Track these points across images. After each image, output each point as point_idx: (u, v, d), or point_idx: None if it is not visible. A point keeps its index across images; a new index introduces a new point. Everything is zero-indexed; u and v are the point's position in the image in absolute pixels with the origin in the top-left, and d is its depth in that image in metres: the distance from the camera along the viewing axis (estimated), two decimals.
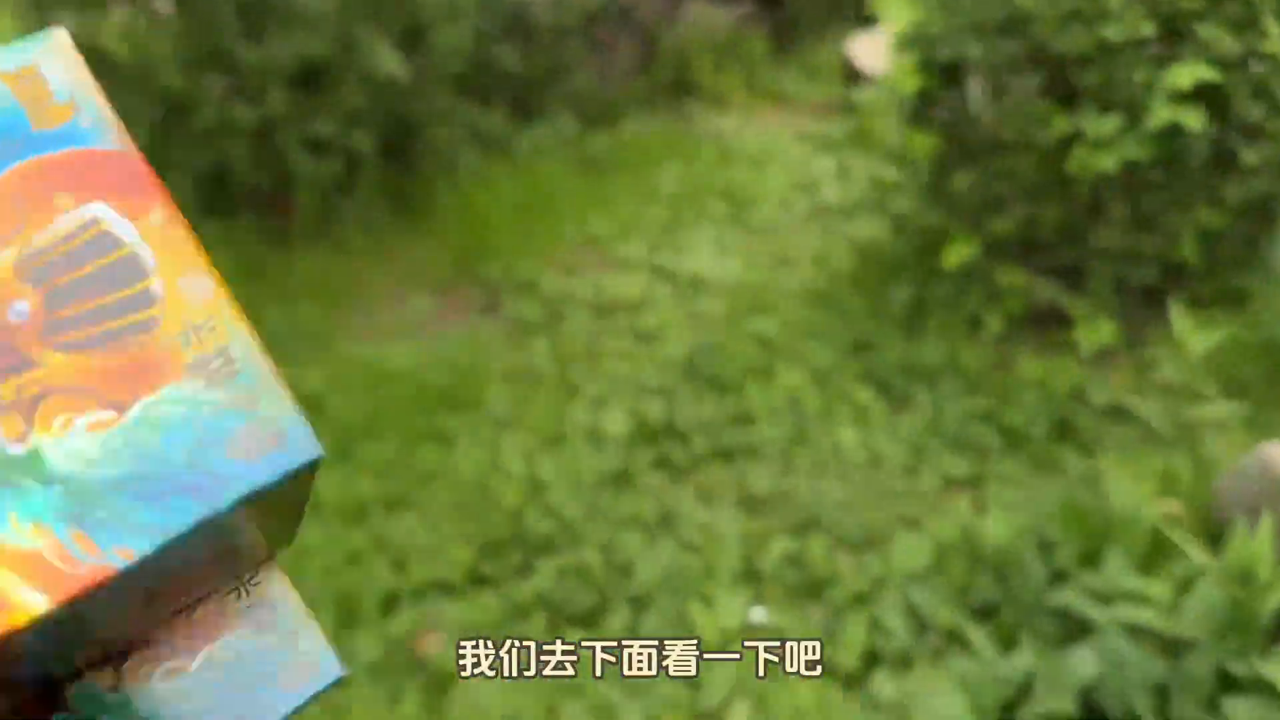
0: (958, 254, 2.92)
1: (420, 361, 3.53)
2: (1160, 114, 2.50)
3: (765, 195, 4.91)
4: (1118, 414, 2.80)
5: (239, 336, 0.33)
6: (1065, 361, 2.93)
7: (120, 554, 0.30)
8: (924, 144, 2.96)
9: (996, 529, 2.34)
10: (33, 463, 0.30)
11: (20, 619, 0.29)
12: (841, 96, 6.42)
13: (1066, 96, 2.73)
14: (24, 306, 0.31)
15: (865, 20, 7.88)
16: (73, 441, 0.31)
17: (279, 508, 0.36)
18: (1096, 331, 2.78)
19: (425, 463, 2.91)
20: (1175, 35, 2.60)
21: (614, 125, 6.13)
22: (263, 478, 0.33)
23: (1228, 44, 2.53)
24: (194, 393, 0.32)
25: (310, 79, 4.37)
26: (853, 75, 6.42)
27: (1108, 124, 2.57)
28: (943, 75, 2.91)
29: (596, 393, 3.26)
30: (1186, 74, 2.47)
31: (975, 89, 2.83)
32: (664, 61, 7.06)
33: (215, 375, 0.33)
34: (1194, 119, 2.50)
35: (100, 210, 0.33)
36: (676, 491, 2.70)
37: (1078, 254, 2.90)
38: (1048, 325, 3.04)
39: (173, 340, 0.32)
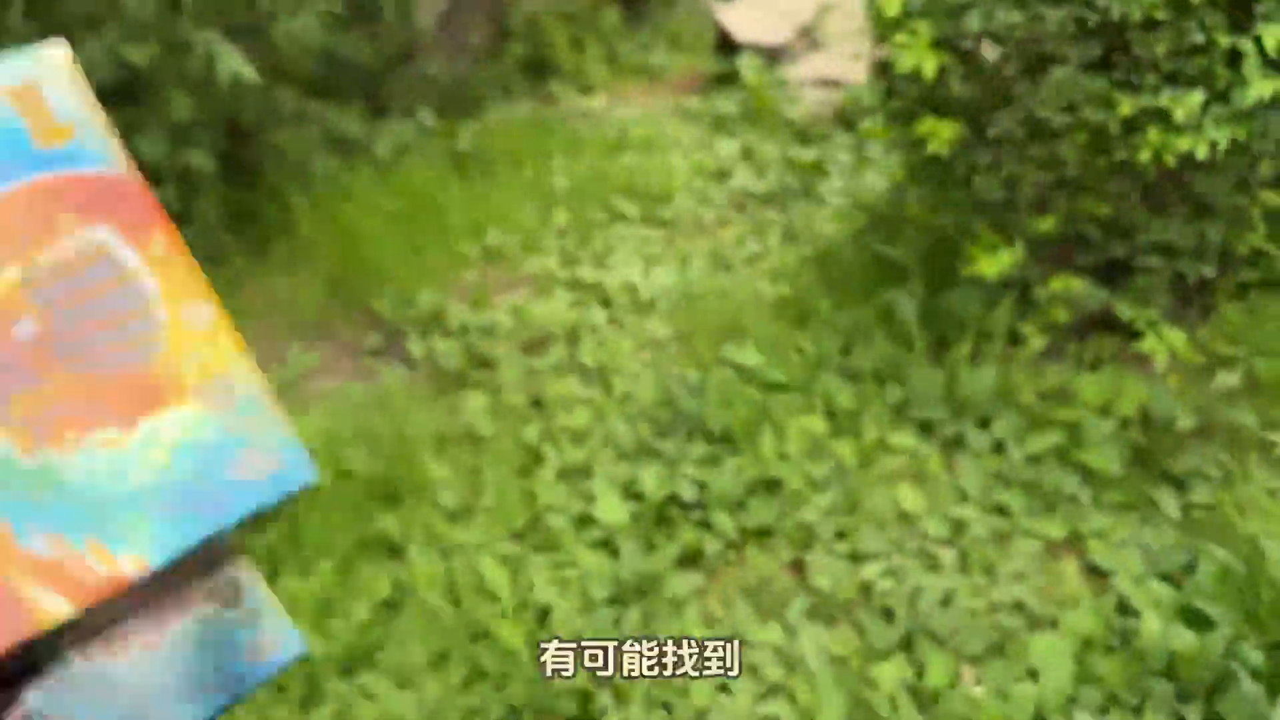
0: (997, 261, 2.44)
1: (325, 435, 2.78)
2: (1258, 86, 2.08)
3: (673, 186, 4.32)
4: (1200, 435, 2.39)
5: (238, 365, 0.36)
6: (1124, 376, 2.49)
7: (133, 564, 0.34)
8: (945, 132, 2.45)
9: (1149, 622, 1.87)
10: (46, 475, 0.32)
11: (45, 622, 0.32)
12: (714, 68, 5.88)
13: (1124, 71, 2.27)
14: (29, 326, 0.33)
15: None
16: (84, 456, 0.33)
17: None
18: (1166, 341, 2.36)
19: (376, 589, 2.21)
20: None
21: (476, 115, 5.38)
22: (264, 499, 0.37)
23: None
24: (197, 417, 0.35)
25: (128, 90, 3.48)
26: (727, 45, 5.89)
27: (1191, 100, 2.13)
28: (963, 50, 2.41)
29: (565, 460, 2.62)
30: None
31: (1010, 64, 2.35)
32: (517, 38, 6.35)
33: (216, 401, 0.35)
34: None
35: (104, 235, 0.34)
36: (722, 602, 2.11)
37: (1127, 250, 2.47)
38: (1092, 333, 2.60)
39: (175, 365, 0.35)
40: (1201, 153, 2.12)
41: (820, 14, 5.72)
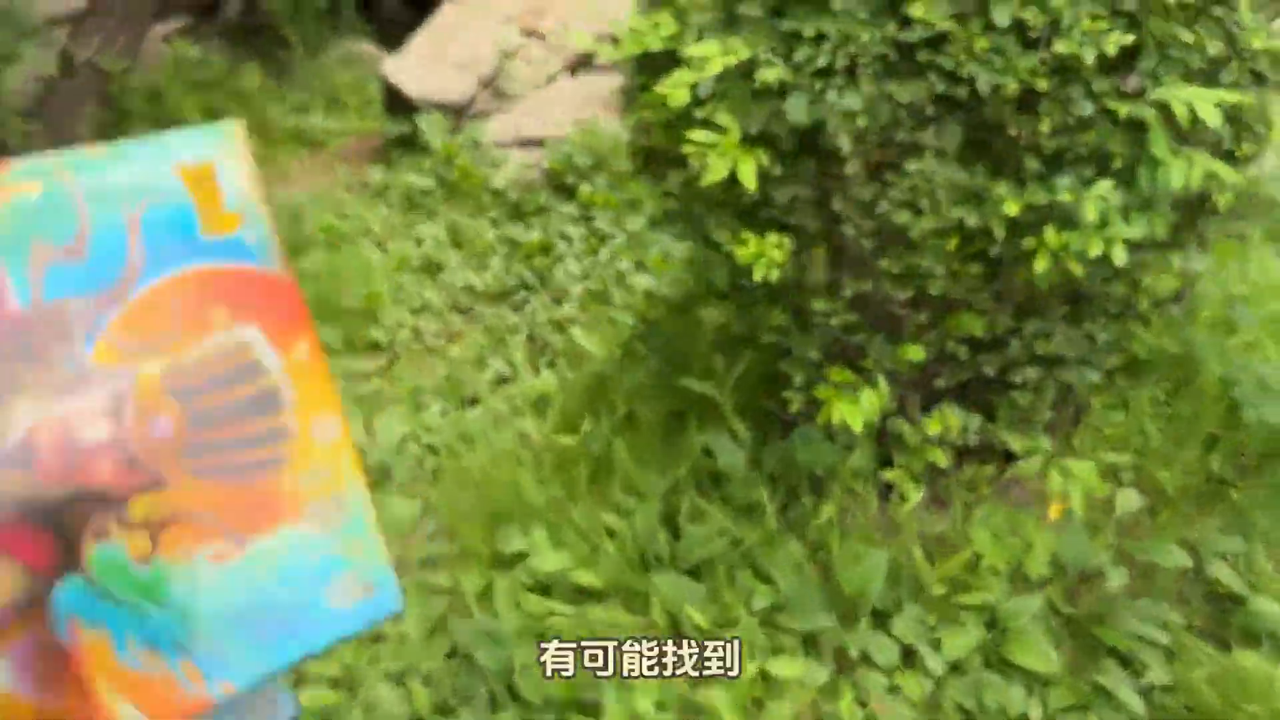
0: (859, 407, 1.86)
1: None
2: (1177, 168, 1.62)
3: (377, 292, 3.48)
4: (1128, 588, 1.92)
5: (353, 484, 0.35)
6: (1019, 518, 2.00)
7: (222, 687, 0.32)
8: (775, 255, 1.83)
9: None
10: (154, 586, 0.31)
11: None
12: (389, 131, 5.03)
13: (996, 158, 1.76)
14: (166, 423, 0.32)
15: (382, 31, 6.52)
16: (193, 570, 0.32)
17: None
18: (1075, 479, 1.88)
19: None
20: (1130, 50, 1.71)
21: None
22: (353, 626, 0.34)
23: (1202, 50, 1.71)
24: (306, 536, 0.33)
25: None
26: (399, 103, 5.06)
27: (1099, 191, 1.62)
28: (786, 146, 1.80)
29: None
30: (1206, 99, 1.59)
31: (852, 160, 1.75)
32: (135, 118, 5.18)
33: (327, 521, 0.33)
34: (1226, 169, 1.64)
35: (251, 335, 0.34)
36: None
37: (1001, 364, 1.98)
38: (963, 463, 2.09)
39: (296, 481, 0.33)
40: (1118, 258, 1.63)
41: (503, 63, 5.04)
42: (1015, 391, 2.00)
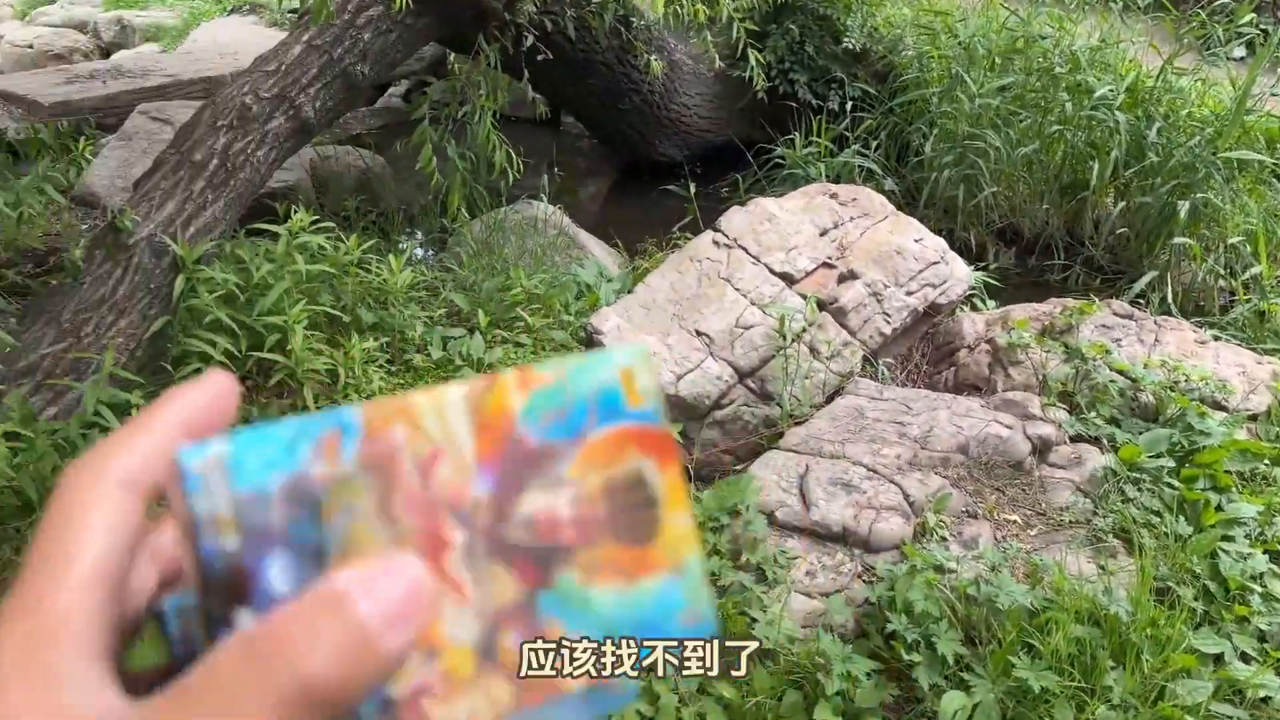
0: None
1: None
2: None
3: None
4: None
5: (694, 554, 0.50)
6: None
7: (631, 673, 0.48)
8: None
9: None
10: (585, 599, 0.47)
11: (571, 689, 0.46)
12: None
13: None
14: (600, 511, 0.48)
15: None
16: (604, 593, 0.48)
17: None
18: None
19: None
20: None
21: None
22: (695, 635, 0.49)
23: None
24: (668, 582, 0.49)
25: None
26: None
27: None
28: None
29: None
30: None
31: None
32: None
33: (679, 574, 0.49)
34: None
35: (648, 464, 0.49)
36: None
37: None
38: None
39: (663, 550, 0.49)
40: None
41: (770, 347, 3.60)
42: None
